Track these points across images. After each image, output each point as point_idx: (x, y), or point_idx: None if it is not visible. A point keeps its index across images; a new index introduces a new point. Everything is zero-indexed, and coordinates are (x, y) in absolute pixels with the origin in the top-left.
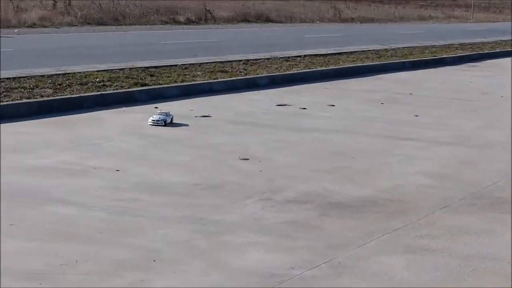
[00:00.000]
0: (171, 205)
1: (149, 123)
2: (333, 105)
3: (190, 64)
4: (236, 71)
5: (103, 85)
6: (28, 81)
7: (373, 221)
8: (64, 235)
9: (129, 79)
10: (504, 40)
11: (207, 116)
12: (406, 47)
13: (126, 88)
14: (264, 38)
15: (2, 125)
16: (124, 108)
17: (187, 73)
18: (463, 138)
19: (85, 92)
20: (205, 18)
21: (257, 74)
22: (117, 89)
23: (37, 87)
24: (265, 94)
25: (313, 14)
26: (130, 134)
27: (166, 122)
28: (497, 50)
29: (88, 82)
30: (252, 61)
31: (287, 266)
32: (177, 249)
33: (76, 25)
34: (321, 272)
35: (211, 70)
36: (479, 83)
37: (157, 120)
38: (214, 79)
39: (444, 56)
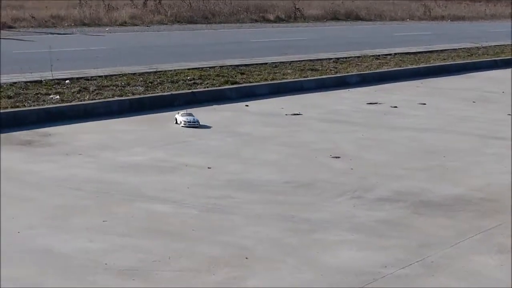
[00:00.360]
0: (262, 202)
1: (182, 125)
2: (424, 104)
3: (280, 62)
4: (326, 69)
5: (194, 83)
6: (119, 79)
7: (466, 220)
8: (156, 231)
9: (220, 77)
10: None
11: (297, 114)
12: (498, 45)
13: (216, 86)
14: (353, 36)
15: (94, 122)
16: (215, 106)
17: (277, 71)
18: None
19: (176, 90)
20: (294, 16)
21: (347, 72)
22: (207, 87)
23: (128, 85)
24: (355, 93)
25: (402, 12)
26: (221, 132)
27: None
28: None
29: (179, 80)
30: (342, 59)
31: (380, 264)
32: (269, 246)
33: (166, 24)
34: (414, 271)
35: (301, 68)
36: None
37: (192, 122)
38: (304, 77)
39: None
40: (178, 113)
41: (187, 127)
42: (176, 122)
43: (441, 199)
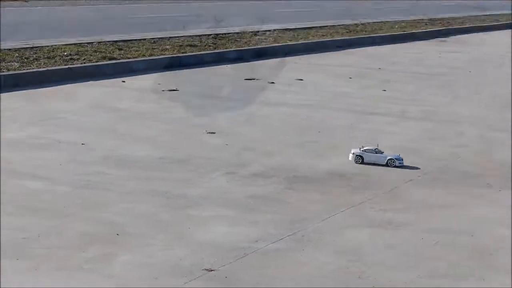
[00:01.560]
0: (137, 178)
1: (395, 165)
2: (302, 80)
3: (159, 38)
4: (205, 46)
5: (71, 58)
6: None
7: (338, 195)
8: (28, 208)
9: (97, 53)
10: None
11: (174, 90)
12: (377, 22)
13: (94, 62)
14: (230, 12)
15: None
16: (91, 82)
17: (155, 47)
18: (431, 113)
19: (52, 66)
20: None
21: (225, 49)
22: (84, 63)
23: (4, 61)
24: (233, 69)
25: None
26: (97, 107)
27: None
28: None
29: (56, 56)
30: (221, 35)
31: (251, 239)
32: (142, 223)
33: None
34: (285, 245)
35: (180, 44)
36: (448, 58)
37: (400, 160)
38: (182, 53)
39: (414, 31)
40: (360, 148)
41: (399, 167)
42: (362, 161)
43: (314, 174)
